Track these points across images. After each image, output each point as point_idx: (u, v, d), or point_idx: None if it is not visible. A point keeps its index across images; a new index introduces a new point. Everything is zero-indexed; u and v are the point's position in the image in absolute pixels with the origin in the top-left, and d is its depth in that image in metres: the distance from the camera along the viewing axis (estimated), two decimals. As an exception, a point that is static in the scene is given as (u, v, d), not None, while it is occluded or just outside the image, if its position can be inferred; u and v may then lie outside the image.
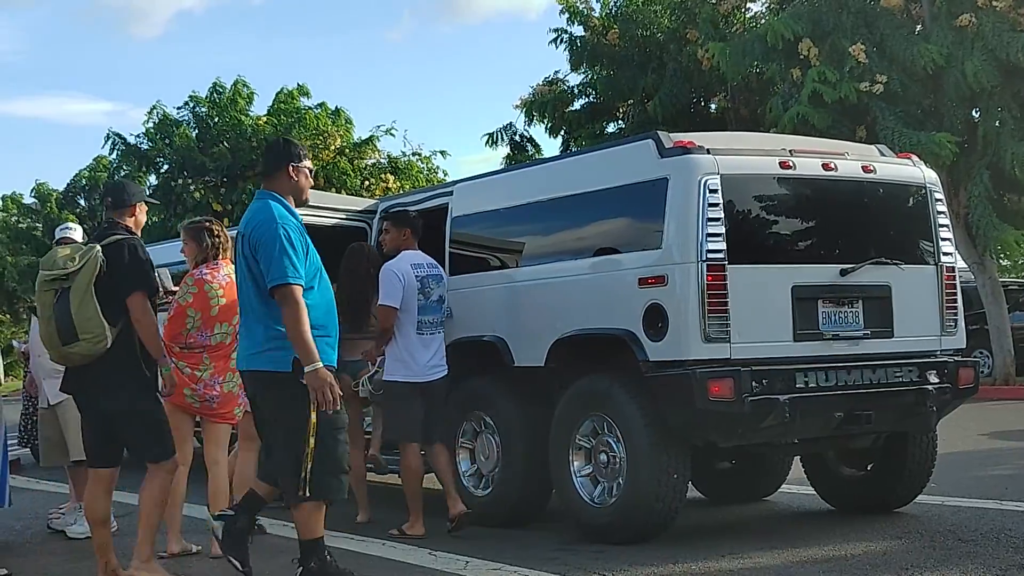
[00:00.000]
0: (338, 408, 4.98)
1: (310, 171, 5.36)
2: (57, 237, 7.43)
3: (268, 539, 6.88)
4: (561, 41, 21.21)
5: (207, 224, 6.58)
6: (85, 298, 5.35)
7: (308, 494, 4.98)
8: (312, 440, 4.91)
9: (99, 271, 5.39)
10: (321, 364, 4.90)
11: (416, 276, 6.89)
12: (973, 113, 17.11)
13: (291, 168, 5.21)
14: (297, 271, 4.95)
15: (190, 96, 27.10)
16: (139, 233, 5.85)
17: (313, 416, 4.90)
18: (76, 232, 7.40)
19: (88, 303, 5.35)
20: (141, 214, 5.89)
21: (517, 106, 21.96)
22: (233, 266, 6.55)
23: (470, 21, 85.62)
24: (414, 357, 6.81)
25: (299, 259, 4.98)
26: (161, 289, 5.97)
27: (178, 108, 27.11)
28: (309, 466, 4.92)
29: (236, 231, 5.34)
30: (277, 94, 27.44)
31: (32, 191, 36.27)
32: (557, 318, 6.63)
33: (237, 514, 5.32)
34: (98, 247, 5.47)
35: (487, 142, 22.40)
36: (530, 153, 22.55)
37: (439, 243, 7.41)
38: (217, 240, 6.48)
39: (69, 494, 7.48)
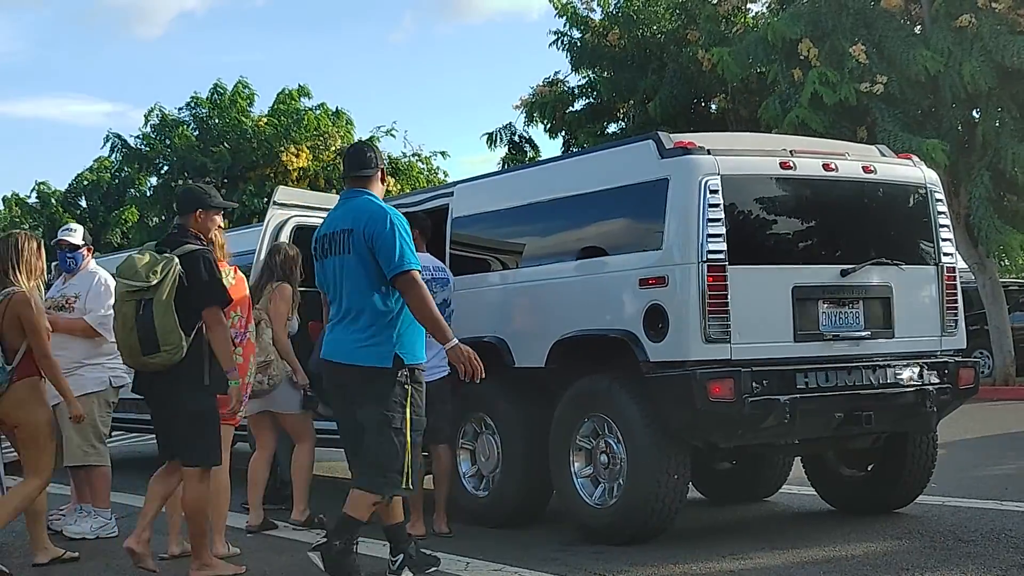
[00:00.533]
0: (483, 375, 5.22)
1: None
2: (58, 237, 7.44)
3: (272, 538, 6.89)
4: (561, 44, 21.23)
5: None
6: (167, 311, 5.48)
7: (411, 486, 5.26)
8: (410, 435, 5.18)
9: (177, 283, 5.54)
10: (457, 340, 5.23)
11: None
12: (973, 114, 17.11)
13: (383, 172, 5.62)
14: (416, 258, 5.24)
15: (191, 97, 27.15)
16: (208, 236, 5.95)
17: (409, 412, 5.17)
18: (77, 234, 7.40)
19: (169, 316, 5.49)
20: (213, 218, 5.97)
21: (517, 106, 22.01)
22: (229, 268, 6.55)
23: (471, 21, 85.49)
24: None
25: (414, 248, 5.27)
26: None
27: (179, 109, 27.18)
28: (408, 459, 5.19)
29: (320, 230, 5.54)
30: (278, 95, 27.44)
31: (33, 191, 36.28)
32: (557, 319, 6.63)
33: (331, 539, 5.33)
34: (176, 260, 5.58)
35: (487, 142, 22.46)
36: (528, 154, 22.56)
37: (440, 244, 7.42)
38: None
39: (70, 495, 7.47)
